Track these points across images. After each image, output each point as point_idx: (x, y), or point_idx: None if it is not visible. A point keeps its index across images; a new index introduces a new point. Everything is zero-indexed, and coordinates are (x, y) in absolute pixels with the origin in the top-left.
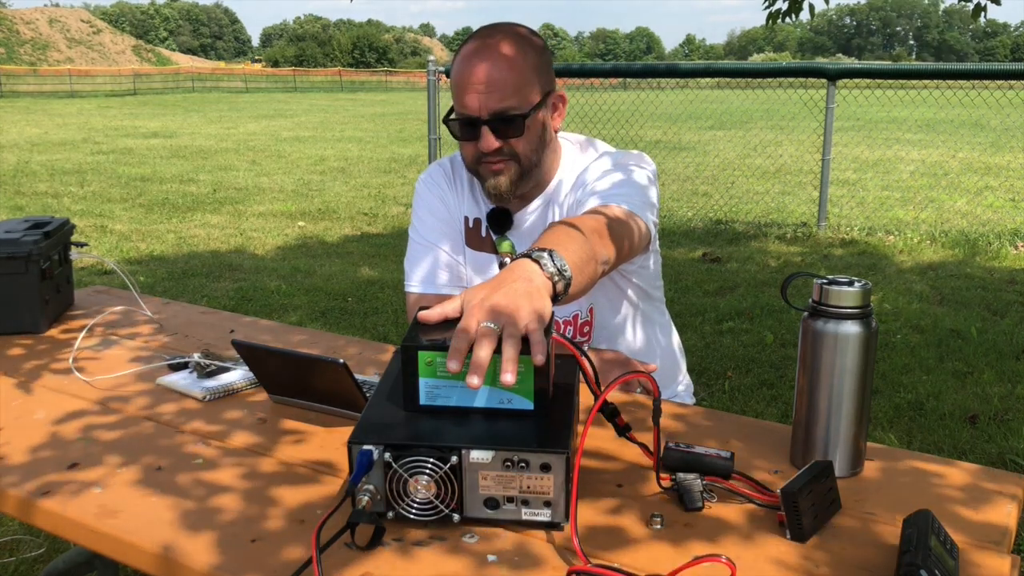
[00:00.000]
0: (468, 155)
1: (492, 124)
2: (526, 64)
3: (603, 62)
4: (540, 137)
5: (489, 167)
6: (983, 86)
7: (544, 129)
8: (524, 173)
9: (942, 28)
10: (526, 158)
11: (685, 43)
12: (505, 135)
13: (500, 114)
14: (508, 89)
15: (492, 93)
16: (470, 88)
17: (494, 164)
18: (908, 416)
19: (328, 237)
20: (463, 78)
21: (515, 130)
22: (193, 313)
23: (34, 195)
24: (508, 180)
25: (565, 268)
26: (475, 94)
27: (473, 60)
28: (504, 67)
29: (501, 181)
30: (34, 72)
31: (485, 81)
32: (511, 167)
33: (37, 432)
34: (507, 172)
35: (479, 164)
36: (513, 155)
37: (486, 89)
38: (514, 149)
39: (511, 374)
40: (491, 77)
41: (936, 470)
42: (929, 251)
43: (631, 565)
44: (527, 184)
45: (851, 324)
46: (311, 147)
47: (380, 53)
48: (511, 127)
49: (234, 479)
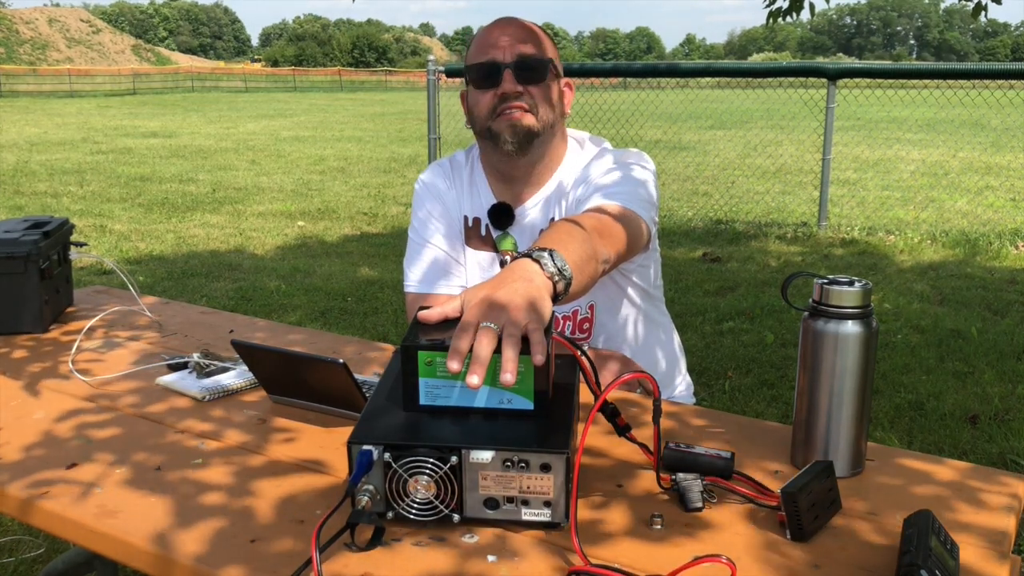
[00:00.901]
0: (484, 108)
1: (515, 68)
2: (544, 37)
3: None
4: (556, 98)
5: (507, 116)
6: (983, 86)
7: (560, 99)
8: (538, 130)
9: (942, 28)
10: (544, 110)
11: (685, 43)
12: (527, 80)
13: (523, 59)
14: (529, 40)
15: (516, 42)
16: (490, 42)
17: (513, 111)
18: (908, 416)
19: (328, 237)
20: (482, 39)
21: (537, 75)
22: (192, 313)
23: (33, 195)
24: (525, 126)
25: (565, 268)
26: (501, 42)
27: (499, 23)
28: (523, 27)
29: (518, 127)
30: (33, 72)
31: (514, 34)
32: (528, 116)
33: (36, 432)
34: (525, 118)
35: (495, 117)
36: (532, 104)
37: (511, 39)
38: (533, 98)
39: (511, 374)
40: (519, 32)
41: (937, 470)
42: (929, 251)
43: (631, 565)
44: (537, 147)
45: (851, 324)
46: (311, 147)
47: (380, 53)
48: (533, 72)
49: (233, 479)
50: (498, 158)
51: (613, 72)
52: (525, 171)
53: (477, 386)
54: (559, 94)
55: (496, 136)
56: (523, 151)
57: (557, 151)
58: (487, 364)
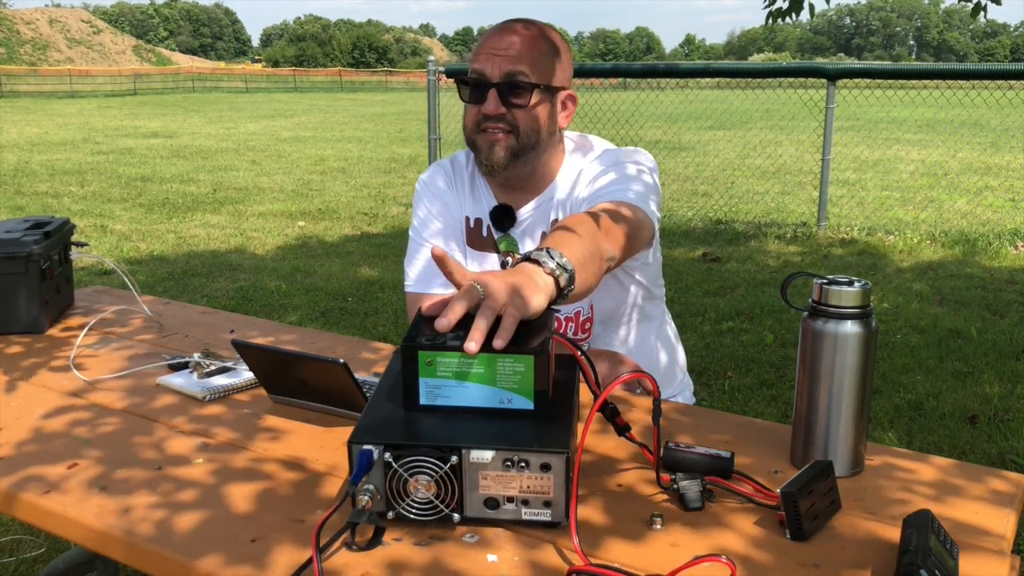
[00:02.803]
0: (470, 121)
1: (500, 88)
2: (544, 48)
3: (603, 62)
4: (543, 121)
5: (488, 135)
6: (983, 86)
7: (550, 117)
8: (520, 151)
9: (942, 28)
10: (525, 134)
11: (685, 43)
12: (510, 103)
13: (510, 79)
14: (522, 59)
15: (506, 59)
16: (487, 50)
17: (493, 132)
18: (908, 416)
19: (328, 237)
20: (482, 43)
21: (521, 99)
22: (193, 313)
23: (34, 195)
24: (504, 150)
25: (565, 262)
26: (490, 56)
27: (496, 30)
28: (523, 41)
29: (496, 151)
30: (34, 72)
31: (502, 47)
32: (509, 139)
33: (37, 432)
34: (504, 142)
35: (478, 132)
36: (513, 127)
37: (501, 53)
38: (515, 120)
39: (475, 343)
40: (509, 44)
41: (936, 470)
42: (929, 251)
43: (631, 565)
44: (521, 166)
45: (851, 324)
46: (311, 147)
47: (380, 53)
48: (518, 95)
49: (234, 479)
50: (484, 170)
51: (613, 72)
52: (519, 179)
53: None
54: (549, 114)
55: (478, 151)
56: (502, 171)
57: (554, 158)
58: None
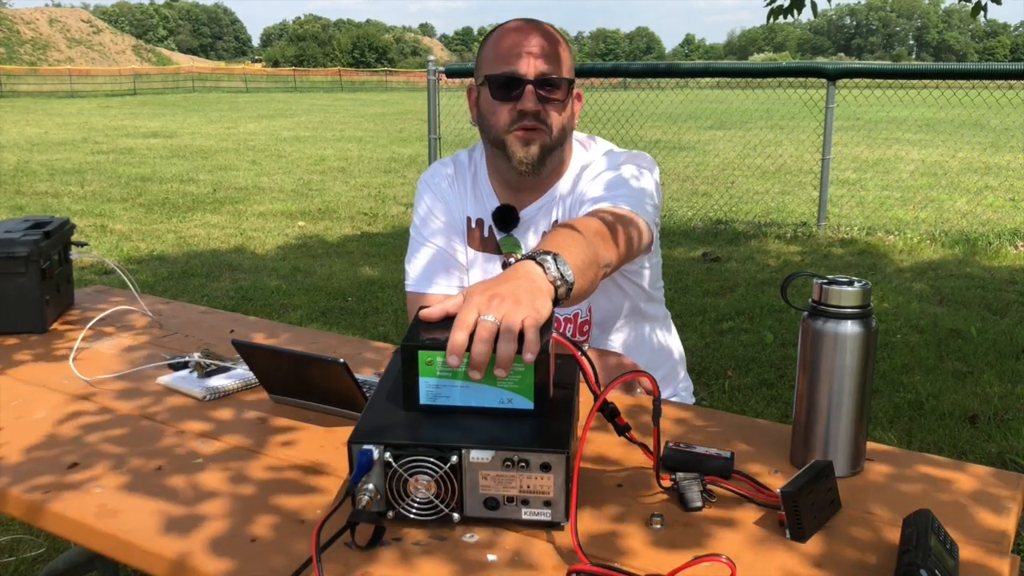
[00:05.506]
0: (502, 120)
1: (537, 85)
2: (563, 46)
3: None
4: (569, 118)
5: (522, 134)
6: (983, 86)
7: (572, 114)
8: (551, 148)
9: (941, 28)
10: (557, 132)
11: (685, 43)
12: (547, 99)
13: (546, 77)
14: (552, 57)
15: (541, 57)
16: (516, 50)
17: (529, 129)
18: (908, 416)
19: (328, 237)
20: (506, 43)
21: (557, 96)
22: (193, 313)
23: (34, 195)
24: (539, 149)
25: (568, 273)
26: (526, 56)
27: (523, 29)
28: (548, 40)
29: (532, 150)
30: (34, 72)
31: (538, 46)
32: (543, 136)
33: (37, 432)
34: (539, 140)
35: (510, 131)
36: (547, 125)
37: (538, 53)
38: (549, 118)
39: (504, 369)
40: (542, 44)
41: (936, 470)
42: (929, 251)
43: (631, 565)
44: (548, 165)
45: (851, 324)
46: (311, 147)
47: (380, 53)
48: (554, 92)
49: (234, 479)
50: (507, 168)
51: (613, 72)
52: (533, 180)
53: (479, 379)
54: (572, 111)
55: (509, 152)
56: (536, 172)
57: (565, 157)
58: (486, 359)
